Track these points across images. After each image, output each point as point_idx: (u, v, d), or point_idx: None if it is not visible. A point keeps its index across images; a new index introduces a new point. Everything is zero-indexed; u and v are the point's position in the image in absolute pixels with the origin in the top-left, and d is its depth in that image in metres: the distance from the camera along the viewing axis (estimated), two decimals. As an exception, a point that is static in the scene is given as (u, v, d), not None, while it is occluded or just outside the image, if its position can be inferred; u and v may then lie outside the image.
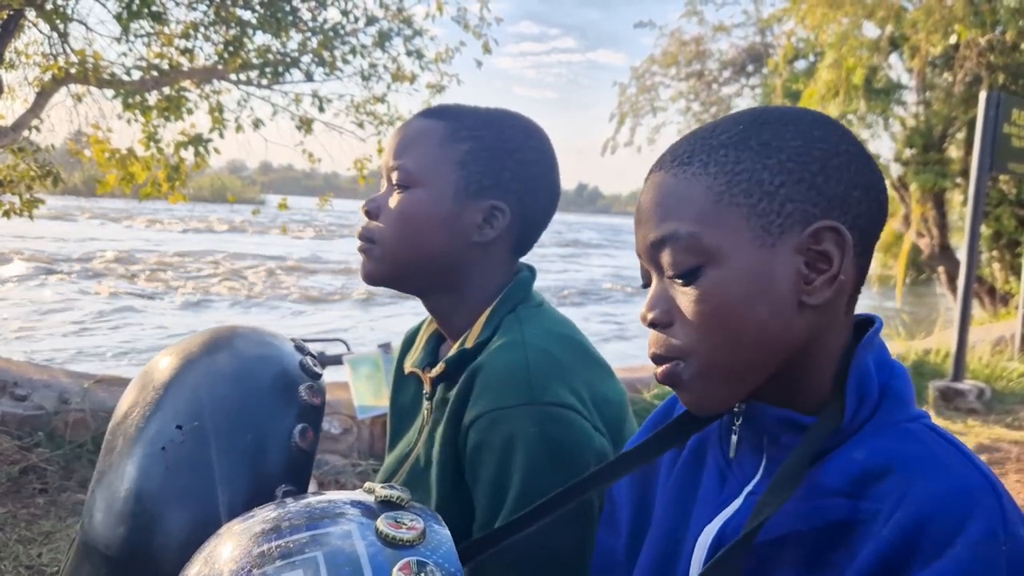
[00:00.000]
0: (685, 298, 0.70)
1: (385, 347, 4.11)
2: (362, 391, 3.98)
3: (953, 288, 9.74)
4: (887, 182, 0.75)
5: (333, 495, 0.71)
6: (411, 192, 1.06)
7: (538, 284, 1.14)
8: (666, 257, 0.71)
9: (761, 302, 0.68)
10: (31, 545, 2.75)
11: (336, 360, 4.24)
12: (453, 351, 1.08)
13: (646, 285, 0.75)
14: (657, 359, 0.73)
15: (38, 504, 3.07)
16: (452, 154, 1.06)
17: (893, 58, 10.37)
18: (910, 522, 0.62)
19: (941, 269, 11.20)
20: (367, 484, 0.70)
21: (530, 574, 0.95)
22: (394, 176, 1.07)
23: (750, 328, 0.69)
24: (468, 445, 0.98)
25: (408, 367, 1.19)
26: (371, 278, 1.09)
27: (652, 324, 0.73)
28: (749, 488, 0.75)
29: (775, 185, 0.68)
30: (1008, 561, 0.60)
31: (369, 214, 1.09)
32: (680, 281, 0.70)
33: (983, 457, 4.27)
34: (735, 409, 0.76)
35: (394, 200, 1.07)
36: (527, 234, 1.12)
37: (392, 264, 1.08)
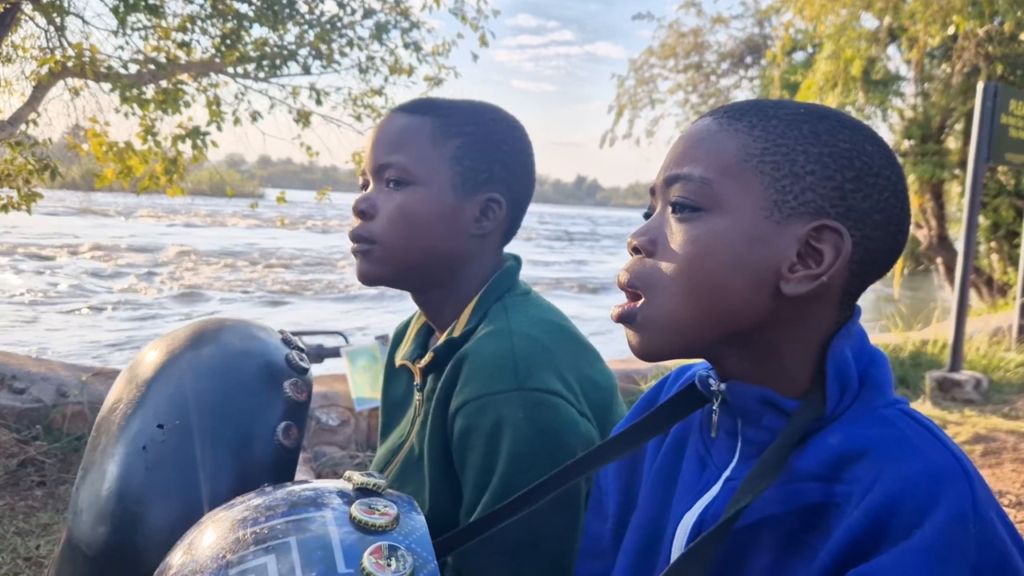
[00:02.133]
0: (676, 235, 0.71)
1: (383, 339, 4.12)
2: (359, 383, 3.99)
3: (951, 279, 9.75)
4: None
5: (314, 483, 0.72)
6: (411, 190, 1.05)
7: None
8: (675, 191, 0.72)
9: (741, 269, 0.69)
10: (29, 537, 2.76)
11: (334, 352, 4.25)
12: (441, 341, 1.09)
13: (647, 216, 0.77)
14: (623, 284, 0.74)
15: (36, 496, 3.09)
16: (445, 150, 1.06)
17: (891, 49, 10.36)
18: (881, 504, 0.62)
19: (939, 260, 11.20)
20: (347, 472, 0.71)
21: (518, 561, 0.96)
22: (387, 174, 1.06)
23: (720, 288, 0.70)
24: (455, 431, 1.00)
25: (399, 360, 1.20)
26: (369, 278, 1.09)
27: (635, 249, 0.74)
28: (727, 474, 0.76)
29: (806, 170, 0.69)
30: (977, 543, 0.60)
31: (364, 214, 1.07)
32: (679, 217, 0.72)
33: (979, 447, 4.28)
34: (713, 388, 0.77)
35: (392, 199, 1.06)
36: (514, 223, 1.15)
37: (394, 264, 1.07)
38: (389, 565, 0.60)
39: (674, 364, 1.26)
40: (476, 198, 1.07)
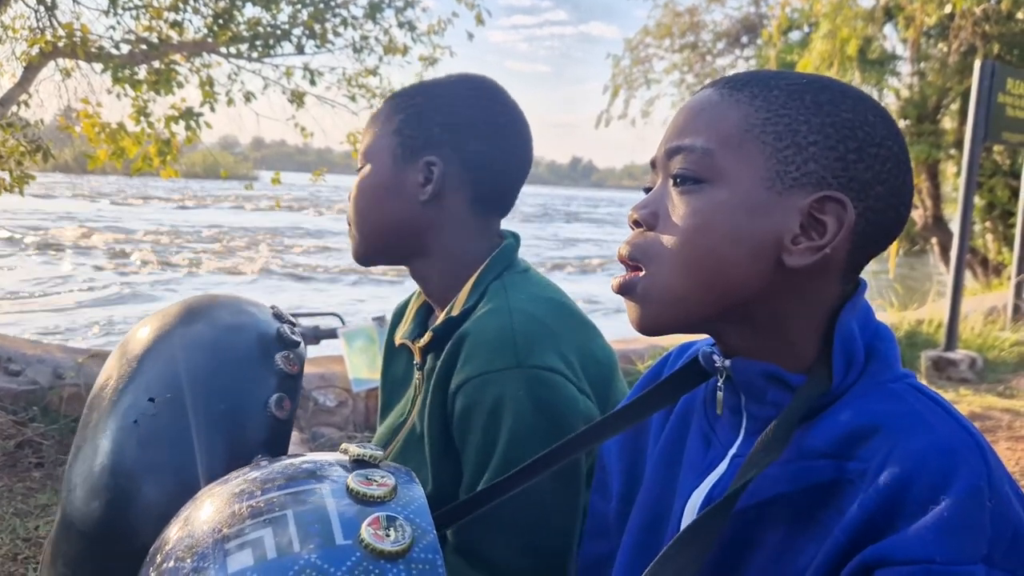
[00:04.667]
0: (677, 208, 0.71)
1: (380, 320, 4.12)
2: (357, 364, 3.99)
3: (946, 259, 9.74)
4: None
5: (309, 456, 0.72)
6: (362, 169, 1.12)
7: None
8: (676, 163, 0.71)
9: (743, 240, 0.68)
10: (28, 518, 2.77)
11: (330, 333, 4.24)
12: (440, 319, 1.09)
13: (648, 191, 0.76)
14: (624, 258, 0.74)
15: (34, 478, 3.09)
16: (391, 125, 1.11)
17: (888, 28, 10.31)
18: (895, 480, 0.62)
19: (934, 240, 11.21)
20: (342, 445, 0.71)
21: (521, 538, 0.97)
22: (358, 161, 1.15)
23: (722, 260, 0.69)
24: (456, 410, 1.00)
25: (398, 339, 1.20)
26: (355, 256, 1.16)
27: (636, 223, 0.74)
28: (733, 451, 0.75)
29: (808, 141, 0.68)
30: (992, 517, 0.60)
31: (349, 199, 1.15)
32: (680, 189, 0.71)
33: (975, 425, 4.30)
34: (718, 365, 0.76)
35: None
36: (484, 184, 1.11)
37: (360, 239, 1.13)
38: (388, 535, 0.59)
39: (670, 344, 1.26)
40: (416, 165, 1.09)
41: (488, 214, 1.13)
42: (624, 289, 0.73)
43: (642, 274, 0.72)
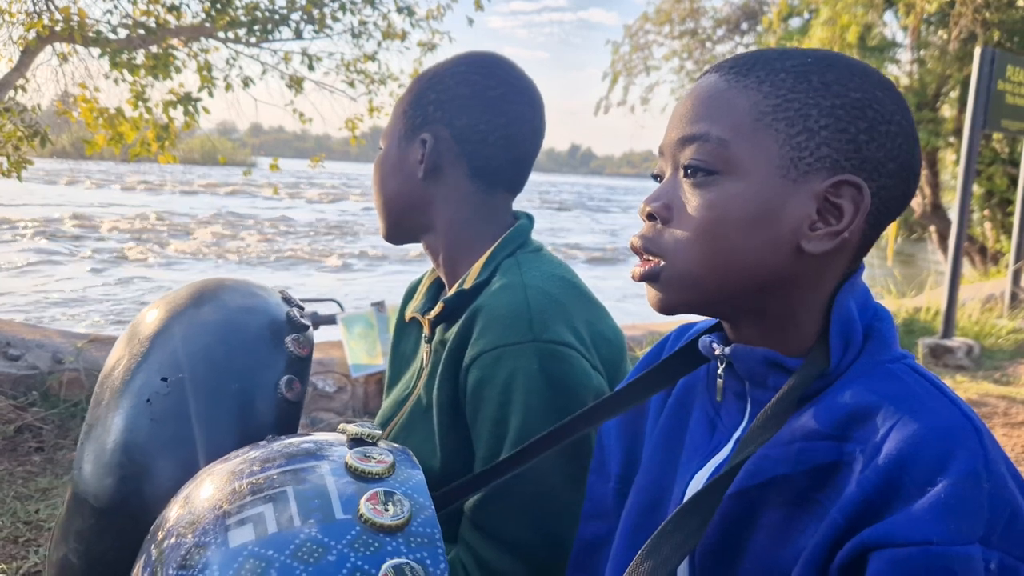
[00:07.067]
0: (691, 200, 0.70)
1: (378, 305, 4.13)
2: (356, 349, 4.00)
3: (944, 247, 9.75)
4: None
5: (309, 436, 0.73)
6: (381, 150, 1.18)
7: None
8: (688, 154, 0.70)
9: (761, 230, 0.68)
10: (28, 502, 2.78)
11: (330, 319, 4.25)
12: (451, 292, 1.11)
13: (657, 179, 0.75)
14: (638, 250, 0.73)
15: (34, 462, 3.10)
16: (400, 108, 1.16)
17: (888, 15, 10.29)
18: (892, 462, 0.62)
19: (932, 228, 11.21)
20: (340, 425, 0.72)
21: (536, 513, 0.98)
22: None
23: (740, 251, 0.69)
24: (469, 383, 1.01)
25: (409, 314, 1.23)
26: (382, 235, 1.21)
27: (650, 216, 0.73)
28: (737, 434, 0.76)
29: (819, 125, 0.68)
30: (990, 499, 0.60)
31: None
32: (693, 181, 0.70)
33: (970, 412, 4.33)
34: (717, 353, 0.76)
35: None
36: (479, 156, 1.12)
37: (382, 217, 1.18)
38: (387, 510, 0.60)
39: (667, 330, 1.27)
40: (413, 144, 1.13)
41: (491, 188, 1.14)
42: (645, 277, 0.73)
43: (662, 263, 0.72)
